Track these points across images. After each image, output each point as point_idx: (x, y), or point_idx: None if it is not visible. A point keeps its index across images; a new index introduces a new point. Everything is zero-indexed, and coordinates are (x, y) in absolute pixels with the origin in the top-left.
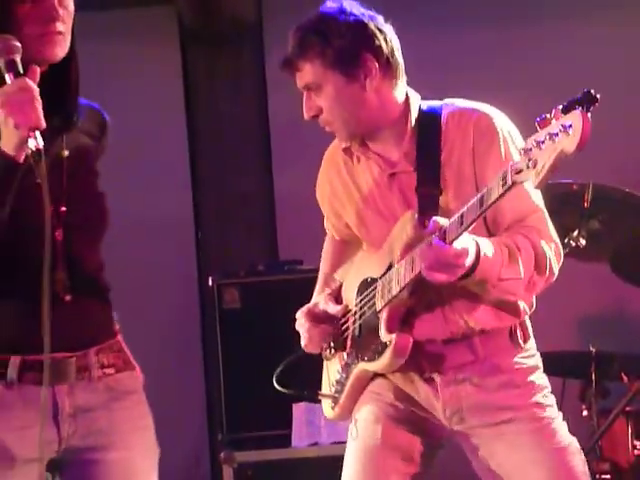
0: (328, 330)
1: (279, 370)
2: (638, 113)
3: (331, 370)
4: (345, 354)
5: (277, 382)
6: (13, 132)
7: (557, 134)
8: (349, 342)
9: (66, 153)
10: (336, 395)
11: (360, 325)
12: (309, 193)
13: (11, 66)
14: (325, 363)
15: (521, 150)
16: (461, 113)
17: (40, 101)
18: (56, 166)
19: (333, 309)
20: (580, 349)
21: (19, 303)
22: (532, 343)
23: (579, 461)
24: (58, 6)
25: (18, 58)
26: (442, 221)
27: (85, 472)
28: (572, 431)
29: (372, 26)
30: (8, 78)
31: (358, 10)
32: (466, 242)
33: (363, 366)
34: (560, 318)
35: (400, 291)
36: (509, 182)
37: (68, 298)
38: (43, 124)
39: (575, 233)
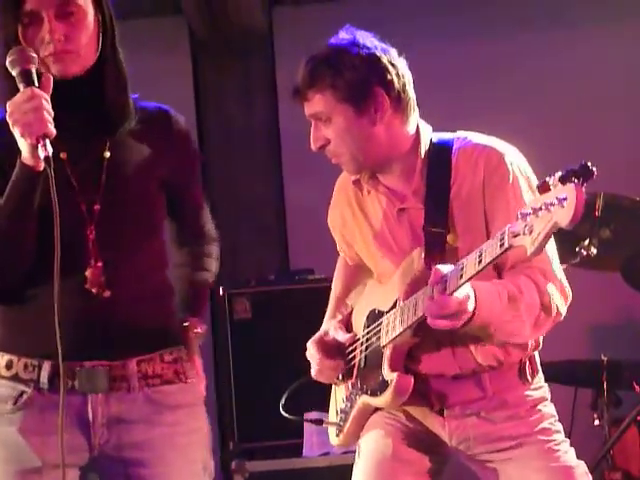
0: (340, 364)
1: (285, 397)
2: None
3: (338, 397)
4: (350, 384)
5: (283, 408)
6: (22, 141)
7: (553, 205)
8: (355, 371)
9: (107, 154)
10: (340, 424)
11: (366, 357)
12: (320, 202)
13: (23, 76)
14: (333, 387)
15: (519, 214)
16: (473, 148)
17: (48, 109)
18: (96, 167)
19: (343, 337)
20: (592, 358)
21: (51, 306)
22: (540, 376)
23: None
24: (56, 28)
25: (33, 68)
26: (444, 269)
27: None
28: (584, 440)
29: (385, 60)
30: (21, 88)
31: (371, 43)
32: (466, 290)
33: (366, 399)
34: (571, 327)
35: (403, 331)
36: (506, 244)
37: (107, 294)
38: (51, 132)
39: (586, 242)
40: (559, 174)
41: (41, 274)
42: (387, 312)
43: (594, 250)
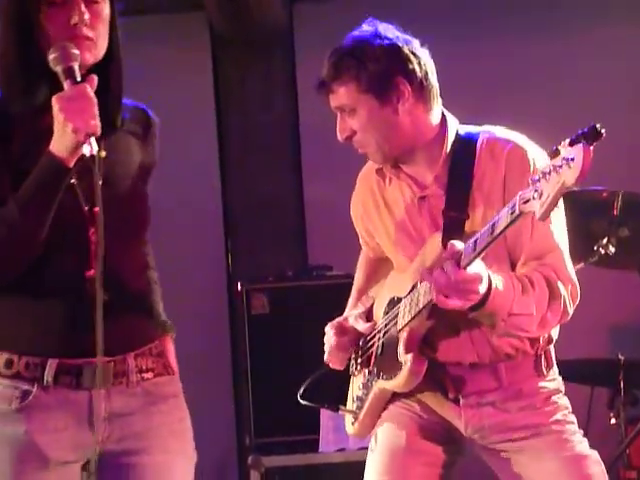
0: (348, 344)
1: (303, 388)
2: None
3: (355, 385)
4: (367, 371)
5: (301, 397)
6: (70, 136)
7: (561, 166)
8: (372, 359)
9: (103, 154)
10: (357, 411)
11: (383, 343)
12: (339, 198)
13: (70, 73)
14: (352, 378)
15: (530, 180)
16: (496, 142)
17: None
18: (93, 166)
19: (362, 327)
20: (609, 357)
21: (58, 305)
22: (555, 369)
23: (599, 471)
24: (85, 11)
25: (76, 65)
26: (459, 246)
27: (121, 475)
28: (600, 439)
29: (406, 50)
30: (66, 85)
31: (393, 34)
32: (479, 270)
33: (381, 384)
34: (589, 326)
35: (419, 312)
36: (517, 211)
37: (105, 298)
38: (99, 131)
39: (604, 241)
40: (568, 139)
41: (42, 271)
42: (405, 297)
43: (612, 249)
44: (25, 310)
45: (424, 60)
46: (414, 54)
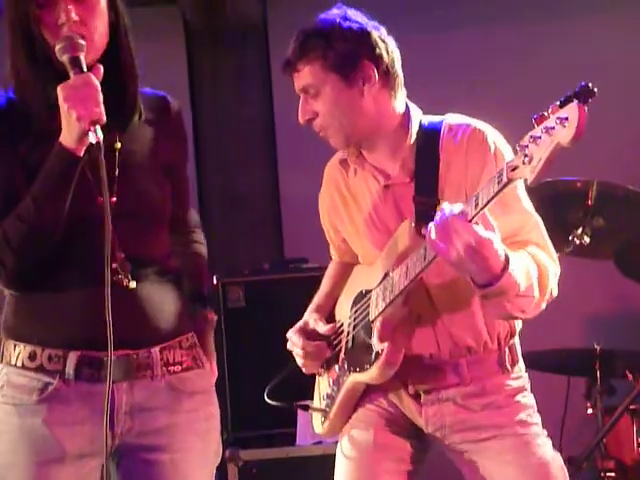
0: (325, 348)
1: (271, 386)
2: None
3: (322, 384)
4: (337, 367)
5: (269, 395)
6: (75, 125)
7: (553, 127)
8: (341, 355)
9: (119, 145)
10: (326, 409)
11: (353, 337)
12: (314, 191)
13: (75, 63)
14: (317, 377)
15: (517, 146)
16: (458, 127)
17: (102, 97)
18: (108, 158)
19: (322, 329)
20: (585, 347)
21: (76, 296)
22: (520, 365)
23: (561, 476)
24: (71, 9)
25: (82, 55)
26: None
27: (139, 471)
28: (577, 429)
29: (375, 35)
30: (72, 74)
31: (362, 19)
32: (496, 240)
33: (355, 377)
34: (564, 316)
35: (394, 298)
36: (504, 179)
37: (133, 285)
38: (104, 119)
39: (579, 231)
40: (557, 102)
41: (63, 264)
42: (375, 288)
43: (587, 239)
44: (46, 303)
45: (391, 48)
46: (382, 40)
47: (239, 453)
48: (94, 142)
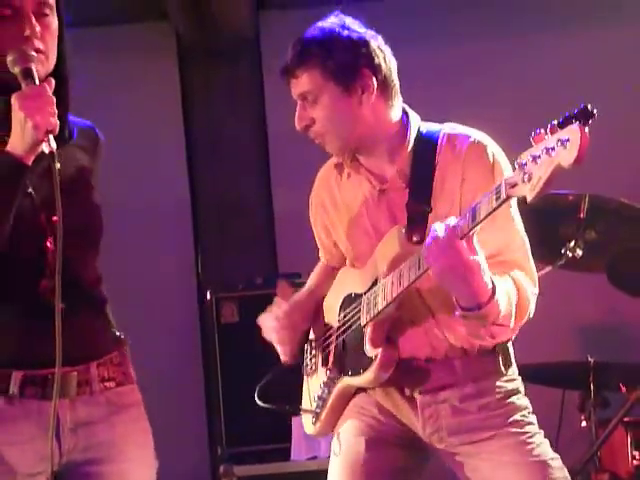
0: (293, 311)
1: (260, 385)
2: (634, 124)
3: (312, 385)
4: (327, 369)
5: (259, 397)
6: (30, 133)
7: (554, 148)
8: (332, 357)
9: (58, 166)
10: (317, 410)
11: (344, 340)
12: (308, 206)
13: (28, 74)
14: (305, 378)
15: (516, 164)
16: (456, 137)
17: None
18: (48, 177)
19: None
20: (578, 359)
21: (18, 315)
22: (514, 369)
23: (562, 477)
24: (36, 24)
25: (34, 67)
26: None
27: None
28: (571, 442)
29: (373, 44)
30: (24, 85)
31: (360, 28)
32: (484, 266)
33: (347, 381)
34: (558, 329)
35: (386, 306)
36: (503, 196)
37: (61, 306)
38: (56, 128)
39: (572, 244)
40: (555, 121)
41: (2, 281)
42: (366, 292)
43: (579, 252)
44: None
45: (389, 57)
46: (380, 49)
47: (233, 469)
48: (47, 152)
